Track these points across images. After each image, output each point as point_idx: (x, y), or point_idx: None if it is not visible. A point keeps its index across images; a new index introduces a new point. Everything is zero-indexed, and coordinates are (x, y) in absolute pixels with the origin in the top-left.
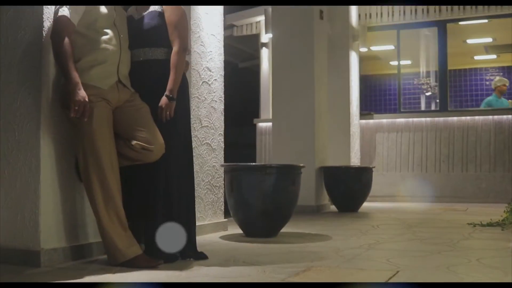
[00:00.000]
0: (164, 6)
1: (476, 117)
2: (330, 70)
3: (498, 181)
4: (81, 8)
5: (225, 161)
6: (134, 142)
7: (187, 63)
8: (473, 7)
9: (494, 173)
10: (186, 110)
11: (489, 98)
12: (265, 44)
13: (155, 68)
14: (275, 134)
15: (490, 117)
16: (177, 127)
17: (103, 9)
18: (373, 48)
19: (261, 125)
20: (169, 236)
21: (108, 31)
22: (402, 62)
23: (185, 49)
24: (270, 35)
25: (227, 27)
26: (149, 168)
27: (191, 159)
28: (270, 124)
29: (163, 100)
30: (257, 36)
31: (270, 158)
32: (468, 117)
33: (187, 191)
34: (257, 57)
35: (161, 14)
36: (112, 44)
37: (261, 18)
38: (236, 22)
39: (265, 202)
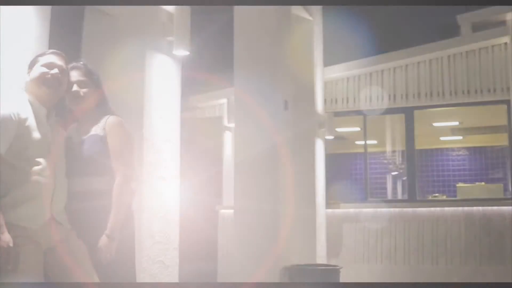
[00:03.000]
0: (107, 129)
1: (446, 208)
2: (295, 160)
3: (469, 275)
4: (10, 135)
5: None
6: None
7: (133, 192)
8: (440, 94)
9: (465, 266)
10: (130, 249)
11: None
12: (228, 128)
13: (96, 201)
14: (237, 230)
15: (460, 208)
16: (119, 270)
17: (36, 134)
18: (339, 129)
19: (224, 212)
20: None
21: (41, 160)
22: (368, 142)
23: (129, 179)
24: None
25: (190, 108)
26: None
27: None
28: (232, 211)
29: (103, 240)
30: (220, 119)
31: (231, 252)
32: (438, 208)
33: None
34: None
35: (103, 139)
36: (45, 175)
37: (224, 101)
38: (198, 104)
39: None
